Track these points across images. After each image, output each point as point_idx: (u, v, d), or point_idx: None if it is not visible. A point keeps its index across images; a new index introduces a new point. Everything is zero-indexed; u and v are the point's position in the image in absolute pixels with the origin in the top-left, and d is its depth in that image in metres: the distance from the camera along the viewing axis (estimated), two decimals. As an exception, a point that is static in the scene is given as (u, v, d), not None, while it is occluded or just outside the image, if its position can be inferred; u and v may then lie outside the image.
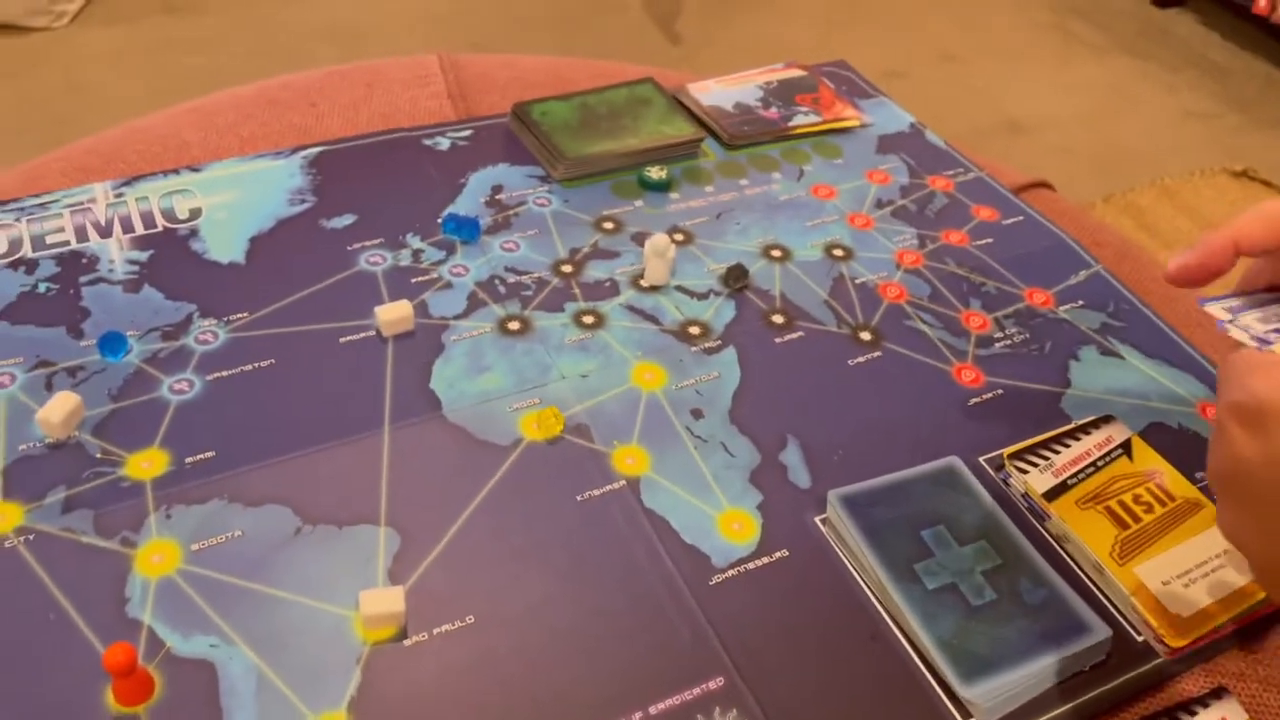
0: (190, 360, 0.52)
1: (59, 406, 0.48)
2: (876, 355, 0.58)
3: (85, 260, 0.57)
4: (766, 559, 0.47)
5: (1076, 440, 0.53)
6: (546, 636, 0.43)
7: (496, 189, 0.66)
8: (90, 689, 0.40)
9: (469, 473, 0.49)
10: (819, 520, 0.49)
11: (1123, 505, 0.50)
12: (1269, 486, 0.35)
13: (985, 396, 0.56)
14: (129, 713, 0.39)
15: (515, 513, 0.48)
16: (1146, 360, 0.59)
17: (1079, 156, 1.97)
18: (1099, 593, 0.47)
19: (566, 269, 0.61)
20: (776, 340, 0.58)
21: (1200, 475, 0.52)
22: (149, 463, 0.48)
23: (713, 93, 0.77)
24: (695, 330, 0.58)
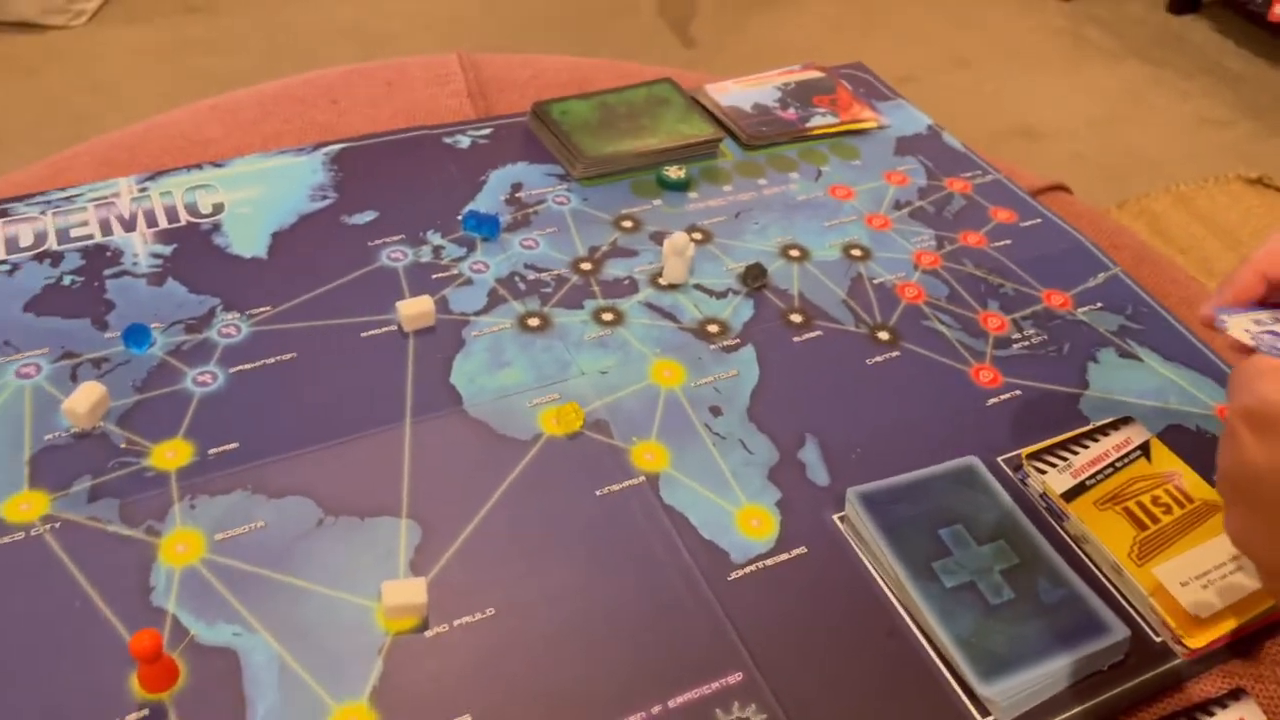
0: (213, 353, 0.53)
1: (85, 397, 0.49)
2: (894, 355, 0.58)
3: (109, 253, 0.58)
4: (785, 555, 0.47)
5: (1095, 441, 0.53)
6: (566, 629, 0.43)
7: (516, 187, 0.67)
8: (116, 676, 0.40)
9: (489, 467, 0.49)
10: (837, 518, 0.49)
11: (1141, 506, 0.50)
12: (1278, 491, 0.36)
13: (1003, 397, 0.56)
14: (154, 700, 0.40)
15: (535, 507, 0.48)
16: (1165, 363, 0.59)
17: (1092, 163, 1.97)
18: (1117, 593, 0.47)
19: (586, 267, 0.61)
20: (795, 339, 0.58)
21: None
22: (173, 453, 0.48)
23: (731, 93, 0.77)
24: (714, 328, 0.58)
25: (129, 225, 0.60)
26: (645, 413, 0.53)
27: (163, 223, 0.60)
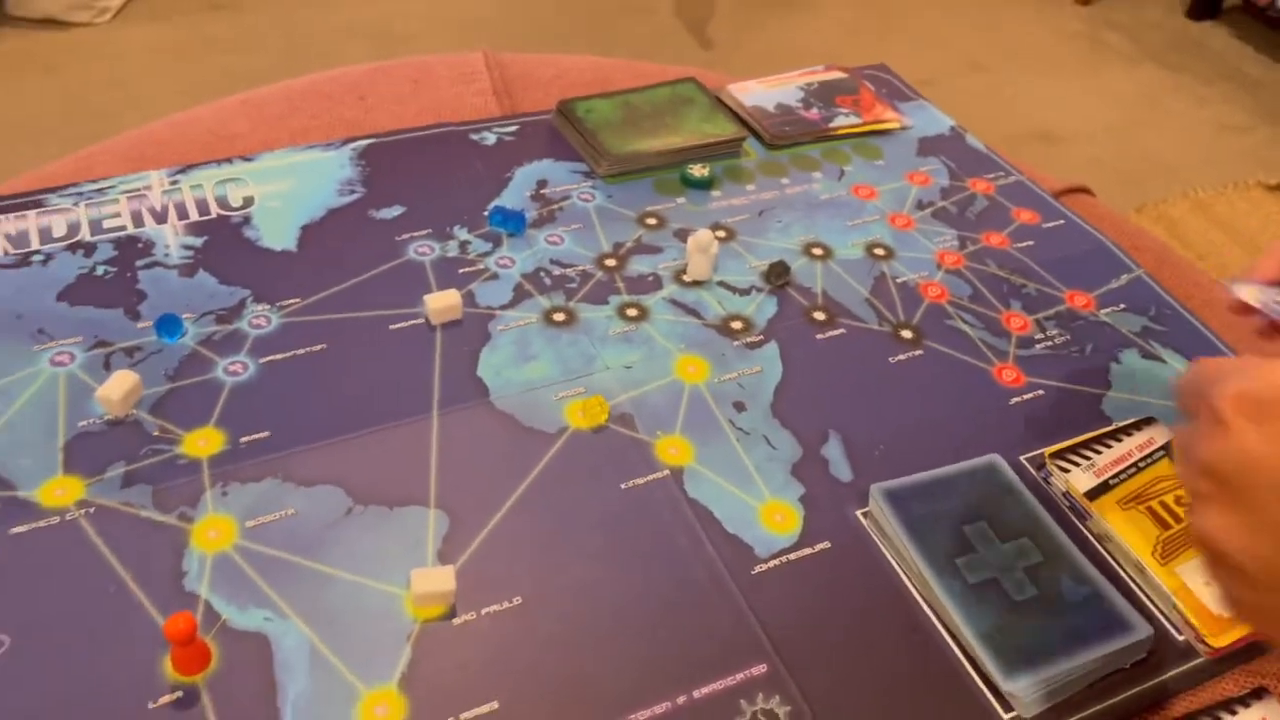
0: (244, 343, 0.54)
1: (118, 385, 0.49)
2: (918, 353, 0.58)
3: (141, 244, 0.59)
4: (808, 550, 0.48)
5: (1118, 441, 0.53)
6: (592, 619, 0.44)
7: (541, 183, 0.67)
8: (149, 658, 0.41)
9: (516, 459, 0.50)
10: (860, 514, 0.49)
11: (1164, 506, 0.50)
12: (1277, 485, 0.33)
13: (1026, 397, 0.56)
14: (187, 682, 0.40)
15: (561, 498, 0.48)
16: (1188, 364, 0.59)
17: (1110, 168, 1.96)
18: (1140, 592, 0.48)
19: (610, 263, 0.62)
20: (818, 336, 0.58)
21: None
22: (205, 441, 0.49)
23: (754, 93, 0.77)
24: (737, 325, 0.58)
25: (160, 217, 0.61)
26: (669, 407, 0.53)
27: (193, 215, 0.61)
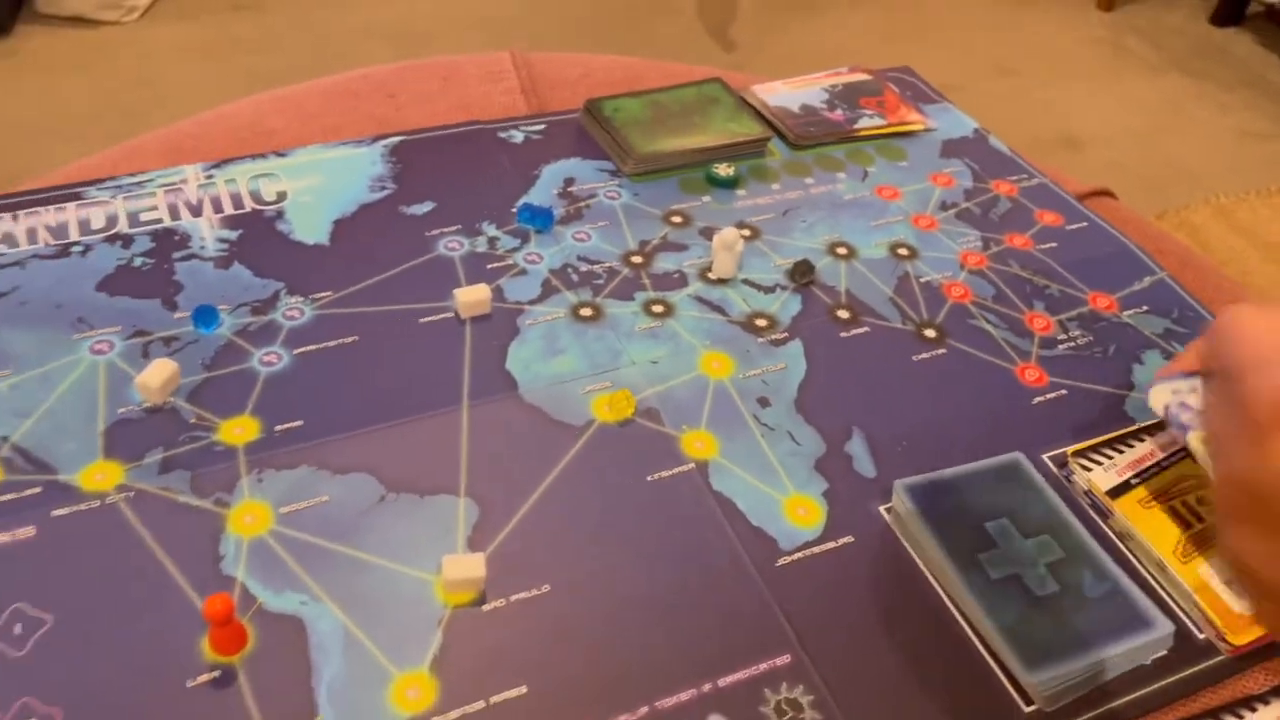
0: (278, 334, 0.55)
1: (157, 373, 0.50)
2: (941, 352, 0.58)
3: (178, 237, 0.60)
4: (832, 544, 0.48)
5: (1140, 441, 0.53)
6: (619, 608, 0.45)
7: (569, 181, 0.68)
8: (188, 639, 0.42)
9: (544, 450, 0.51)
10: (884, 509, 0.50)
11: (1186, 506, 0.50)
12: None
13: (1048, 396, 0.57)
14: (224, 662, 0.41)
15: (588, 490, 0.49)
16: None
17: (1132, 173, 1.96)
18: (1161, 589, 0.48)
19: (636, 260, 0.62)
20: (842, 334, 0.59)
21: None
22: (240, 429, 0.50)
23: (779, 94, 0.78)
24: (762, 322, 0.59)
25: (196, 210, 0.62)
26: (695, 402, 0.54)
27: (228, 209, 0.62)
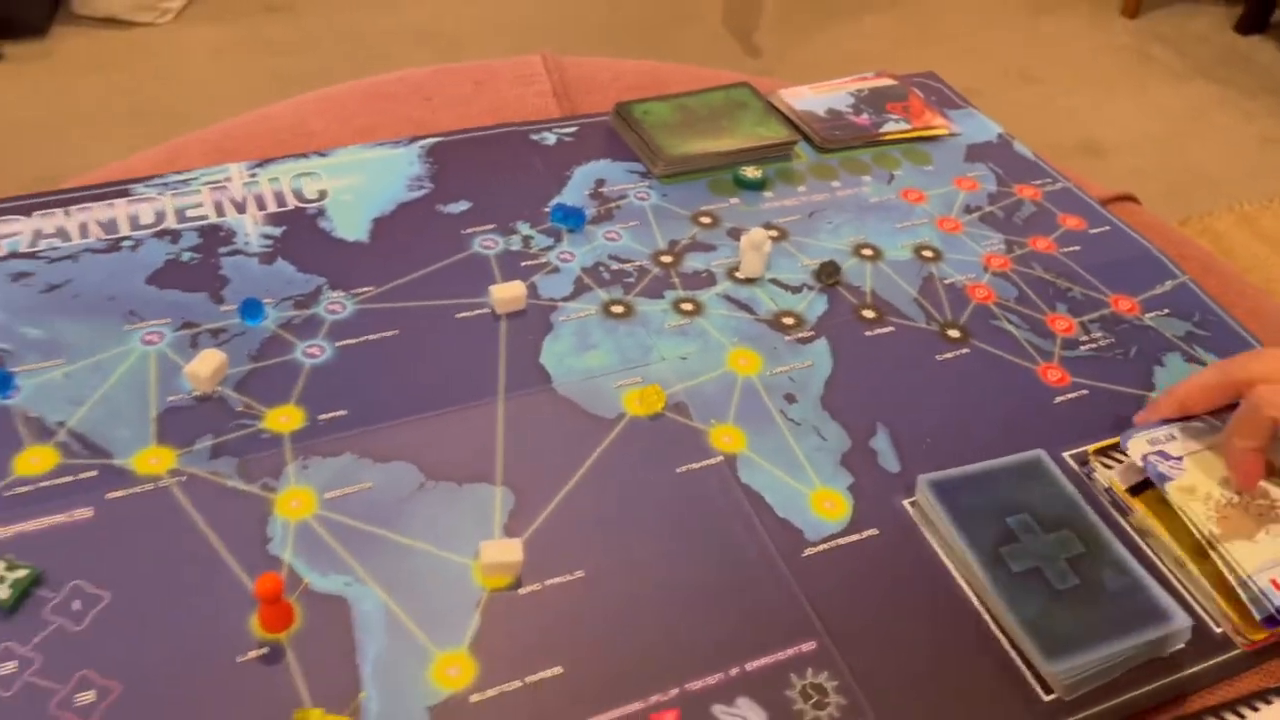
0: (321, 328, 0.57)
1: (207, 362, 0.52)
2: (964, 352, 0.60)
3: (223, 233, 0.62)
4: (856, 536, 0.50)
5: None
6: (650, 593, 0.46)
7: (599, 182, 0.70)
8: (238, 617, 0.43)
9: (577, 441, 0.52)
10: (908, 503, 0.51)
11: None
12: None
13: (1070, 396, 0.58)
14: (272, 639, 0.43)
15: (620, 480, 0.51)
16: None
17: (1155, 180, 1.96)
18: (1179, 584, 0.49)
19: (666, 259, 0.64)
20: (867, 333, 0.60)
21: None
22: (286, 418, 0.52)
23: (805, 98, 0.79)
24: (789, 321, 0.60)
25: (241, 208, 0.64)
26: (723, 397, 0.55)
27: (272, 206, 0.64)
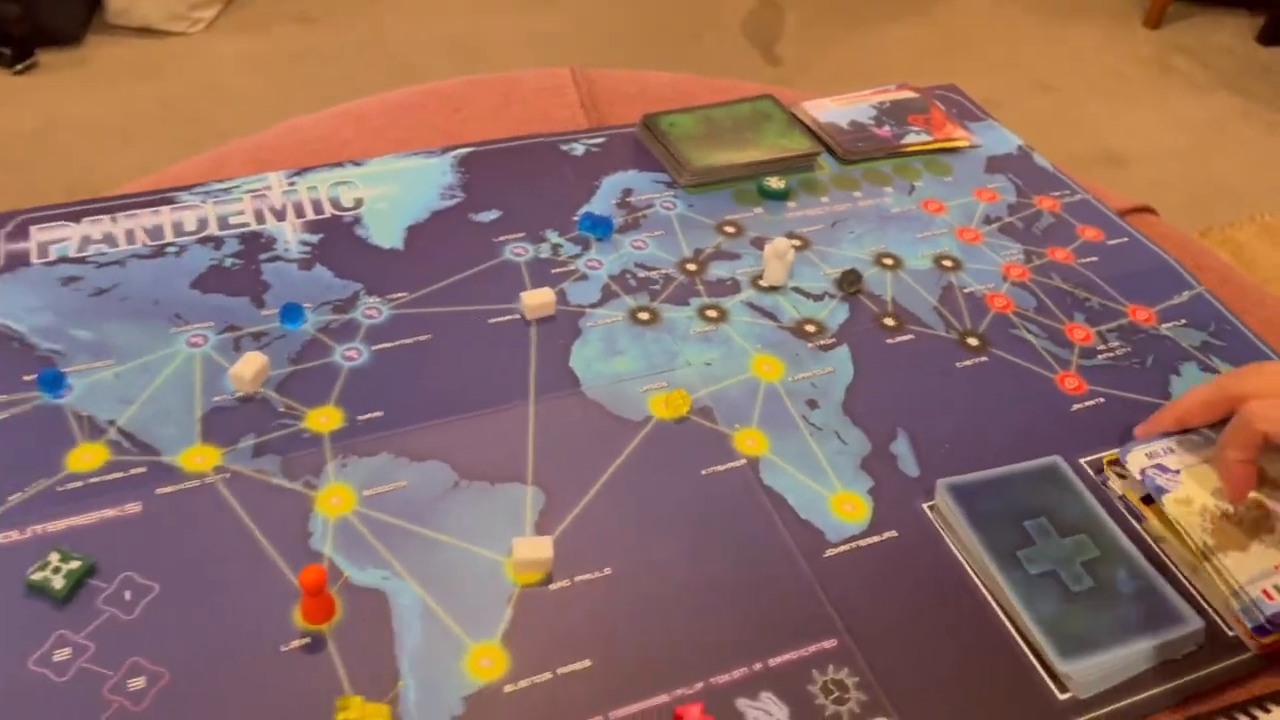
0: (358, 332, 0.59)
1: (249, 364, 0.54)
2: (983, 360, 0.61)
3: (264, 240, 0.64)
4: (876, 538, 0.51)
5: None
6: (676, 590, 0.48)
7: (627, 192, 0.71)
8: (281, 608, 0.45)
9: (605, 443, 0.54)
10: (927, 507, 0.53)
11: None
12: None
13: (1087, 404, 0.59)
14: (314, 630, 0.45)
15: (646, 481, 0.52)
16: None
17: (1176, 191, 1.96)
18: (1193, 589, 0.50)
19: (691, 267, 0.66)
20: (888, 341, 0.62)
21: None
22: (325, 418, 0.53)
23: (828, 110, 0.81)
24: (811, 328, 0.62)
25: (280, 215, 0.66)
26: (746, 402, 0.57)
27: (310, 214, 0.66)
